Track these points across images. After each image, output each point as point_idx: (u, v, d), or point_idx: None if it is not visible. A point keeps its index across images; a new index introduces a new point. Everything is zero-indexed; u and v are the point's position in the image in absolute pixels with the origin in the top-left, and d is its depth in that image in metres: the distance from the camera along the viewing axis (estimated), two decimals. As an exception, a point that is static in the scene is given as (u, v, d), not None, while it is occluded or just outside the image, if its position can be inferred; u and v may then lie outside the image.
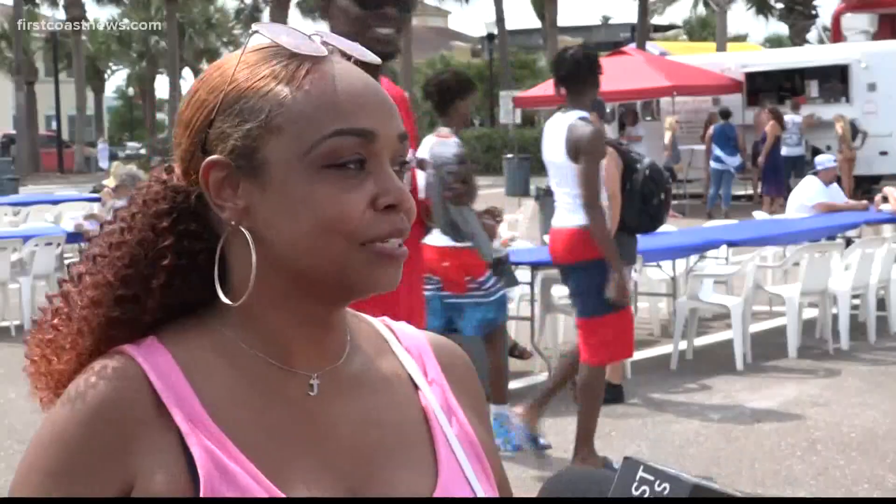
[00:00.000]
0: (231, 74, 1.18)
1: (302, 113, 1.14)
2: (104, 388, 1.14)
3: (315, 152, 1.13)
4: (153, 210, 1.22)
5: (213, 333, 1.20)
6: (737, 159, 20.88)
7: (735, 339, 8.68)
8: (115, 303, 1.20)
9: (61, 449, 1.13)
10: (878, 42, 24.59)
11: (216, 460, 1.11)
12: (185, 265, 1.22)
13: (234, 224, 1.17)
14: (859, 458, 6.39)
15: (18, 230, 13.33)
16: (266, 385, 1.18)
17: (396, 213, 1.15)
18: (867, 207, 11.54)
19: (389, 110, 1.17)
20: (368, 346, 1.27)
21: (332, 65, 1.17)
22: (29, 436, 4.66)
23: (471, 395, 1.32)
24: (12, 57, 47.98)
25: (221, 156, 1.16)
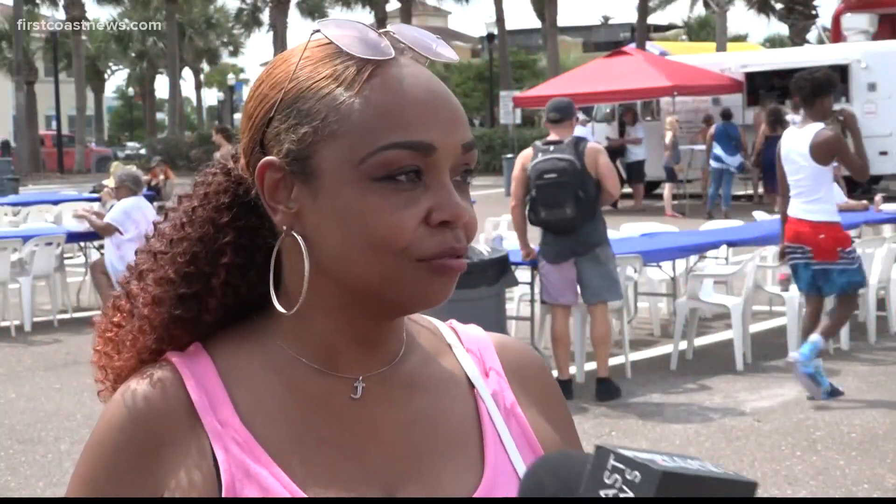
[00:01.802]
0: (293, 71, 1.14)
1: (358, 121, 1.10)
2: (142, 397, 1.15)
3: (368, 163, 1.09)
4: (214, 204, 1.20)
5: (260, 339, 1.19)
6: (737, 159, 20.87)
7: (735, 339, 8.68)
8: (178, 301, 1.18)
9: (97, 455, 1.16)
10: (878, 42, 24.59)
11: (240, 464, 1.11)
12: (242, 262, 1.20)
13: (286, 228, 1.14)
14: (859, 458, 6.39)
15: (18, 230, 13.32)
16: (308, 390, 1.17)
17: (451, 230, 1.10)
18: (867, 207, 11.53)
19: (453, 120, 1.12)
20: (426, 347, 1.24)
21: (398, 68, 1.12)
22: (29, 436, 4.73)
23: (540, 395, 1.28)
24: (12, 57, 47.98)
25: (277, 157, 1.13)
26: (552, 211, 7.55)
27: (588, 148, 7.56)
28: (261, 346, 1.18)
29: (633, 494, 0.89)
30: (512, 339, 1.33)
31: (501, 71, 41.42)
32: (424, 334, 1.26)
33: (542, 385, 1.29)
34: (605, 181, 7.52)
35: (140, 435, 1.14)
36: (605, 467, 0.91)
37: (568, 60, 49.43)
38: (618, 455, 0.91)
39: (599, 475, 0.91)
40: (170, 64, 47.53)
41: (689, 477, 0.90)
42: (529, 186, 7.63)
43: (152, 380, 1.16)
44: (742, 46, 40.64)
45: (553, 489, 0.97)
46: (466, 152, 1.13)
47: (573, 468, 0.97)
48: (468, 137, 1.13)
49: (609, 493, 0.91)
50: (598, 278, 7.58)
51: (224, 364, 1.17)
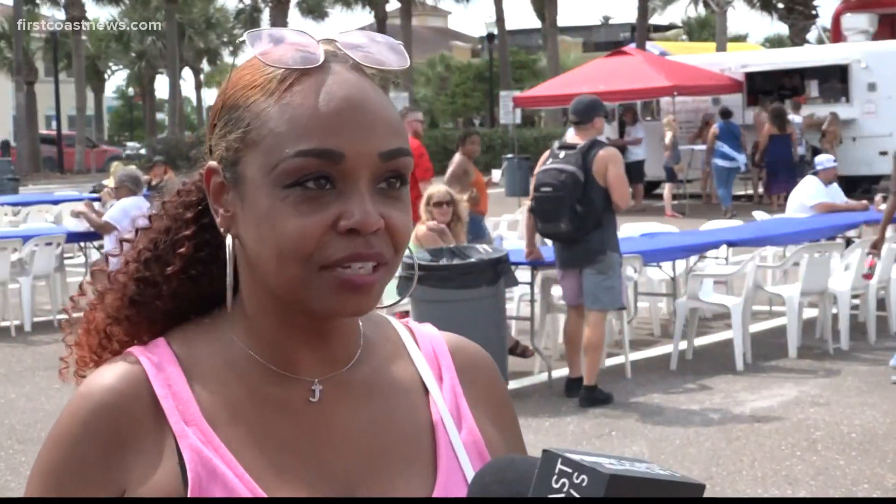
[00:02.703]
0: (236, 79, 1.18)
1: (273, 129, 1.12)
2: (105, 390, 1.16)
3: (278, 170, 1.11)
4: (182, 200, 1.26)
5: (221, 337, 1.21)
6: (743, 157, 20.89)
7: (735, 339, 8.68)
8: (134, 283, 1.23)
9: (61, 447, 1.16)
10: (878, 42, 24.57)
11: (206, 462, 1.12)
12: (205, 257, 1.23)
13: (223, 231, 1.18)
14: (859, 458, 6.39)
15: (18, 230, 13.32)
16: (267, 391, 1.18)
17: (359, 237, 1.10)
18: (867, 207, 11.54)
19: (369, 128, 1.11)
20: (383, 350, 1.26)
21: (322, 76, 1.13)
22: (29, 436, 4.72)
23: (489, 398, 1.29)
24: (12, 57, 47.96)
25: (216, 162, 1.18)
26: (547, 224, 7.53)
27: (598, 156, 7.39)
28: (221, 344, 1.20)
29: (580, 497, 0.90)
30: (465, 339, 1.34)
31: (501, 71, 41.41)
32: (381, 336, 1.27)
33: (491, 387, 1.31)
34: (612, 192, 7.38)
35: (104, 429, 1.14)
36: (552, 472, 0.92)
37: (568, 60, 49.42)
38: (565, 459, 0.91)
39: (548, 480, 0.92)
40: (170, 64, 47.51)
41: (636, 480, 0.91)
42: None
43: (117, 374, 1.17)
44: (742, 46, 40.62)
45: (500, 495, 0.97)
46: (387, 161, 1.12)
47: (519, 473, 0.97)
48: (389, 146, 1.12)
49: (557, 498, 0.91)
50: (596, 286, 7.52)
51: (187, 360, 1.19)
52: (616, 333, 9.20)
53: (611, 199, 7.40)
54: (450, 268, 7.68)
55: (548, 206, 7.45)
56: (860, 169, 21.65)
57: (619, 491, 0.90)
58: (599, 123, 7.66)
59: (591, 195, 7.37)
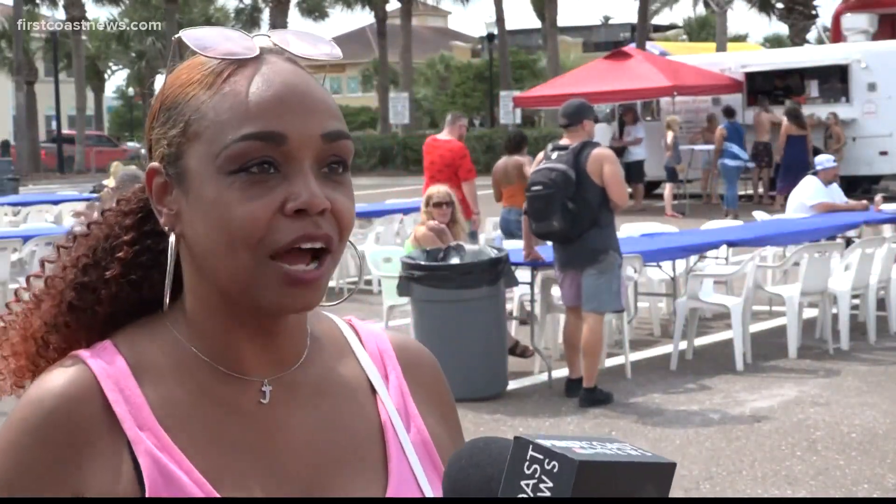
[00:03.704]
0: (172, 79, 1.18)
1: (214, 119, 1.13)
2: (56, 396, 1.14)
3: (222, 157, 1.11)
4: (122, 208, 1.26)
5: (168, 339, 1.20)
6: (747, 156, 20.88)
7: (735, 339, 8.68)
8: (72, 288, 1.22)
9: (11, 455, 1.13)
10: (878, 42, 24.58)
11: (162, 467, 1.12)
12: (146, 262, 1.23)
13: (168, 230, 1.18)
14: (859, 458, 6.39)
15: (18, 230, 13.32)
16: (217, 392, 1.18)
17: (307, 218, 1.11)
18: (867, 207, 11.54)
19: (310, 110, 1.13)
20: (329, 349, 1.26)
21: (257, 66, 1.15)
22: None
23: (434, 397, 1.30)
24: (12, 57, 47.97)
25: (157, 162, 1.18)
26: (539, 223, 7.52)
27: (592, 155, 7.39)
28: (167, 345, 1.20)
29: (552, 484, 0.91)
30: (408, 338, 1.35)
31: (501, 71, 41.40)
32: (326, 334, 1.27)
33: (436, 386, 1.31)
34: (609, 190, 7.37)
35: (56, 436, 1.12)
36: (524, 458, 0.92)
37: (568, 60, 49.40)
38: (536, 445, 0.92)
39: (520, 466, 0.92)
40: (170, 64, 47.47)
41: (606, 464, 0.91)
42: None
43: (65, 378, 1.15)
44: (742, 46, 40.62)
45: (476, 479, 0.98)
46: (330, 142, 1.14)
47: (494, 457, 0.98)
48: (331, 128, 1.14)
49: (529, 484, 0.91)
50: (594, 287, 7.51)
51: (135, 363, 1.18)
52: (616, 333, 9.20)
53: (607, 198, 7.39)
54: (450, 268, 7.68)
55: (539, 204, 7.45)
56: (860, 169, 21.66)
57: (589, 475, 0.90)
58: (589, 126, 7.65)
59: (584, 194, 7.35)
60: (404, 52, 41.28)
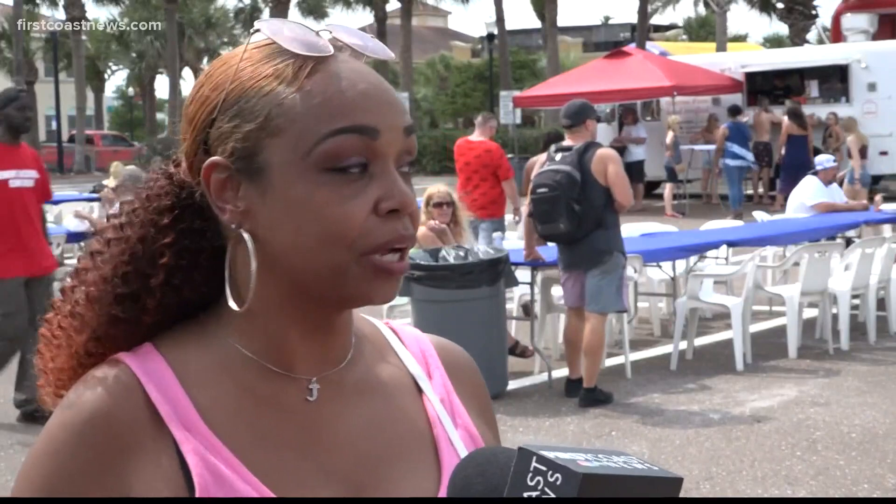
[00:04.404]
0: (234, 72, 1.15)
1: (301, 114, 1.11)
2: (98, 398, 1.12)
3: (315, 154, 1.10)
4: (155, 206, 1.20)
5: (211, 338, 1.18)
6: (751, 155, 20.87)
7: (735, 339, 8.68)
8: (115, 301, 1.17)
9: (54, 460, 1.11)
10: (878, 42, 24.59)
11: (211, 466, 1.10)
12: (186, 264, 1.19)
13: (234, 227, 1.14)
14: (859, 458, 6.39)
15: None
16: (264, 390, 1.17)
17: (399, 219, 1.11)
18: (867, 207, 11.54)
19: (394, 106, 1.14)
20: (372, 349, 1.25)
21: (336, 63, 1.13)
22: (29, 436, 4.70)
23: (475, 396, 1.30)
24: (12, 57, 47.97)
25: (222, 157, 1.14)
26: (545, 225, 7.51)
27: (597, 155, 7.38)
28: (212, 346, 1.18)
29: (554, 496, 0.90)
30: (446, 340, 1.34)
31: (501, 71, 41.41)
32: (368, 335, 1.27)
33: (476, 385, 1.31)
34: (614, 191, 7.35)
35: (101, 439, 1.10)
36: (527, 469, 0.92)
37: (568, 60, 49.39)
38: (539, 457, 0.91)
39: (523, 477, 0.92)
40: (170, 64, 47.51)
41: (610, 477, 0.91)
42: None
43: (107, 381, 1.13)
44: (742, 46, 40.62)
45: (480, 488, 0.97)
46: (408, 136, 1.14)
47: (500, 467, 0.97)
48: (409, 121, 1.15)
49: (532, 495, 0.91)
50: (597, 287, 7.51)
51: (178, 365, 1.16)
52: (616, 333, 9.20)
53: (612, 198, 7.38)
54: (450, 268, 7.68)
55: (545, 206, 7.44)
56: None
57: (593, 489, 0.90)
58: (592, 126, 7.64)
59: (589, 195, 7.34)
60: (404, 52, 41.28)
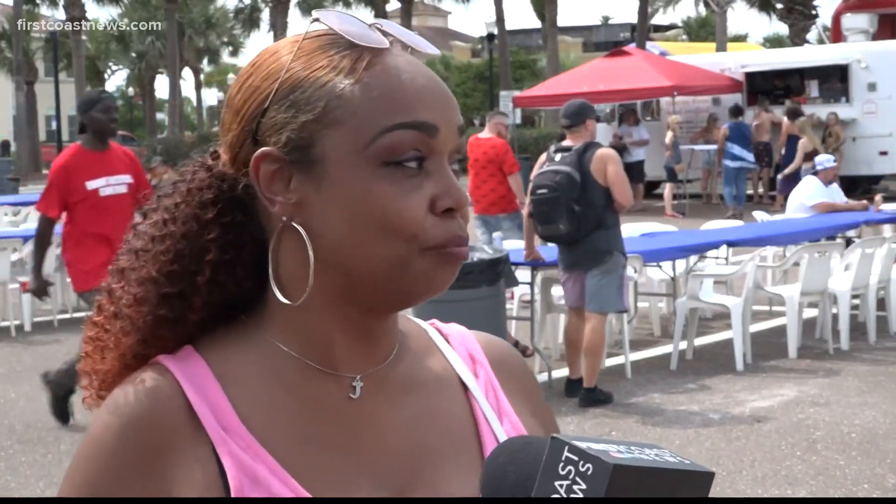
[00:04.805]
0: (287, 62, 1.13)
1: (361, 106, 1.09)
2: (139, 401, 1.11)
3: (374, 147, 1.08)
4: (198, 200, 1.17)
5: (253, 337, 1.16)
6: (751, 155, 20.87)
7: (735, 339, 8.68)
8: (162, 300, 1.15)
9: (95, 462, 1.12)
10: (878, 42, 24.59)
11: (247, 468, 1.09)
12: (229, 259, 1.17)
13: (286, 219, 1.12)
14: (859, 458, 6.39)
15: (18, 230, 13.32)
16: (306, 389, 1.15)
17: (454, 218, 1.10)
18: (867, 207, 11.54)
19: (450, 104, 1.13)
20: (417, 347, 1.23)
21: (393, 57, 1.12)
22: (29, 436, 4.72)
23: (524, 393, 1.28)
24: (12, 57, 47.98)
25: (274, 148, 1.11)
26: (545, 226, 7.50)
27: (596, 155, 7.37)
28: (254, 344, 1.16)
29: (585, 486, 0.90)
30: (492, 336, 1.32)
31: (501, 71, 41.42)
32: (413, 333, 1.25)
33: (525, 380, 1.30)
34: (614, 191, 7.34)
35: (141, 441, 1.10)
36: (559, 459, 0.92)
37: (568, 60, 49.40)
38: (572, 447, 0.91)
39: (554, 467, 0.92)
40: (170, 64, 47.51)
41: (641, 469, 0.91)
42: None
43: (147, 384, 1.12)
44: (742, 46, 40.64)
45: (513, 477, 0.97)
46: (460, 136, 1.14)
47: (532, 456, 0.97)
48: (461, 121, 1.15)
49: (563, 485, 0.91)
50: (597, 287, 7.50)
51: (218, 365, 1.14)
52: (616, 333, 9.20)
53: (612, 198, 7.38)
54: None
55: (545, 207, 7.43)
56: (860, 169, 21.67)
57: (623, 480, 0.90)
58: (591, 126, 7.63)
59: (589, 195, 7.34)
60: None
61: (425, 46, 1.18)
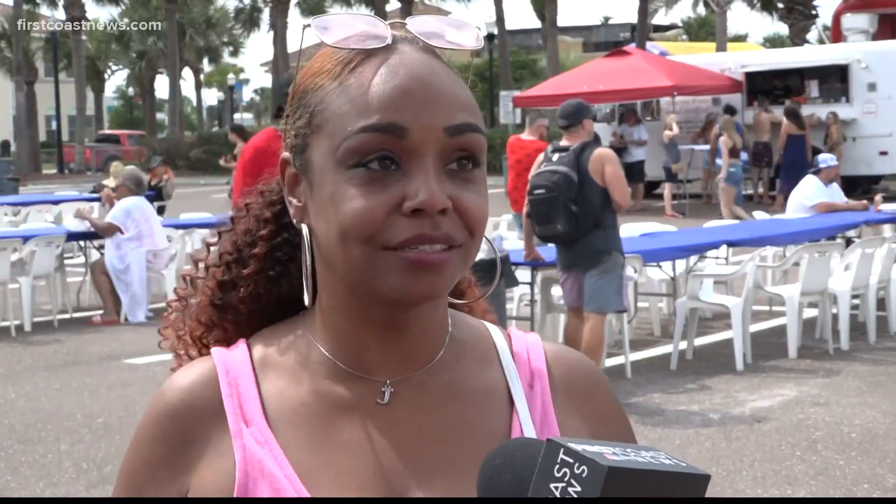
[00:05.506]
0: (304, 68, 1.17)
1: (336, 110, 1.10)
2: (176, 390, 1.17)
3: (341, 150, 1.08)
4: (264, 199, 1.25)
5: (299, 337, 1.19)
6: (744, 154, 20.89)
7: (735, 339, 8.68)
8: (217, 287, 1.24)
9: (136, 446, 1.18)
10: (878, 42, 24.60)
11: (256, 461, 1.12)
12: (282, 256, 1.23)
13: (297, 222, 1.17)
14: (859, 458, 6.39)
15: (18, 230, 13.32)
16: (336, 390, 1.16)
17: (426, 218, 1.06)
18: (867, 207, 11.54)
19: (434, 102, 1.09)
20: (470, 354, 1.20)
21: (387, 56, 1.11)
22: (29, 436, 4.74)
23: (589, 409, 1.23)
24: (12, 57, 47.98)
25: (287, 153, 1.17)
26: (543, 227, 7.49)
27: (594, 155, 7.35)
28: (299, 344, 1.19)
29: (580, 488, 0.90)
30: (568, 349, 1.28)
31: (501, 71, 41.40)
32: (472, 339, 1.22)
33: (592, 398, 1.24)
34: (611, 191, 7.32)
35: (172, 429, 1.15)
36: (555, 461, 0.92)
37: (568, 60, 49.37)
38: (567, 449, 0.91)
39: (550, 469, 0.92)
40: (170, 64, 47.51)
41: (636, 471, 0.91)
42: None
43: (189, 375, 1.18)
44: (742, 46, 40.63)
45: (508, 478, 0.97)
46: (455, 136, 1.09)
47: (528, 458, 0.97)
48: (456, 121, 1.09)
49: (558, 487, 0.91)
50: (596, 287, 7.50)
51: (261, 360, 1.19)
52: (616, 333, 9.20)
53: (610, 198, 7.37)
54: (450, 268, 7.66)
55: (542, 207, 7.43)
56: (860, 169, 21.67)
57: (618, 482, 0.90)
58: (588, 125, 7.62)
59: (587, 195, 7.33)
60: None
61: (450, 41, 1.15)
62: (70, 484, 6.10)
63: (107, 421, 7.37)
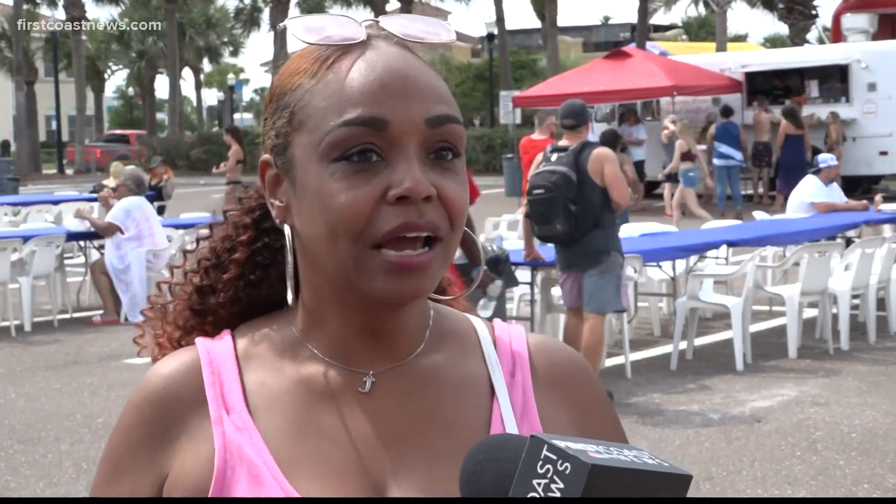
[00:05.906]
0: (281, 70, 1.18)
1: (316, 106, 1.12)
2: (158, 376, 1.19)
3: (324, 145, 1.10)
4: (244, 206, 1.27)
5: (283, 330, 1.21)
6: (740, 154, 20.89)
7: (735, 339, 8.68)
8: (195, 292, 1.26)
9: (118, 432, 1.20)
10: (878, 42, 24.59)
11: (236, 448, 1.13)
12: (262, 261, 1.25)
13: (279, 222, 1.18)
14: (859, 458, 6.39)
15: (18, 230, 13.32)
16: (318, 381, 1.18)
17: (411, 206, 1.08)
18: (867, 207, 11.54)
19: (413, 95, 1.10)
20: (452, 346, 1.22)
21: (361, 52, 1.13)
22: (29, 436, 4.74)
23: (571, 400, 1.23)
24: (12, 57, 47.98)
25: (269, 155, 1.18)
26: (542, 227, 7.49)
27: (593, 155, 7.35)
28: (282, 336, 1.21)
29: (563, 485, 0.90)
30: (553, 341, 1.28)
31: (501, 71, 41.40)
32: (454, 332, 1.24)
33: (577, 389, 1.24)
34: (610, 190, 7.31)
35: (154, 415, 1.17)
36: (538, 457, 0.92)
37: (568, 60, 49.38)
38: (550, 446, 0.92)
39: (533, 465, 0.92)
40: (170, 64, 47.50)
41: (619, 470, 0.91)
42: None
43: (172, 362, 1.20)
44: (742, 46, 40.63)
45: (491, 473, 0.97)
46: (436, 128, 1.11)
47: (512, 453, 0.97)
48: (435, 112, 1.11)
49: (541, 483, 0.91)
50: (595, 287, 7.49)
51: (244, 350, 1.20)
52: (616, 333, 9.20)
53: (609, 198, 7.37)
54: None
55: (541, 207, 7.42)
56: (860, 169, 21.66)
57: (601, 480, 0.90)
58: (588, 126, 7.73)
59: (586, 195, 7.33)
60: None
61: (428, 36, 1.17)
62: (70, 484, 6.10)
63: (107, 421, 7.37)
